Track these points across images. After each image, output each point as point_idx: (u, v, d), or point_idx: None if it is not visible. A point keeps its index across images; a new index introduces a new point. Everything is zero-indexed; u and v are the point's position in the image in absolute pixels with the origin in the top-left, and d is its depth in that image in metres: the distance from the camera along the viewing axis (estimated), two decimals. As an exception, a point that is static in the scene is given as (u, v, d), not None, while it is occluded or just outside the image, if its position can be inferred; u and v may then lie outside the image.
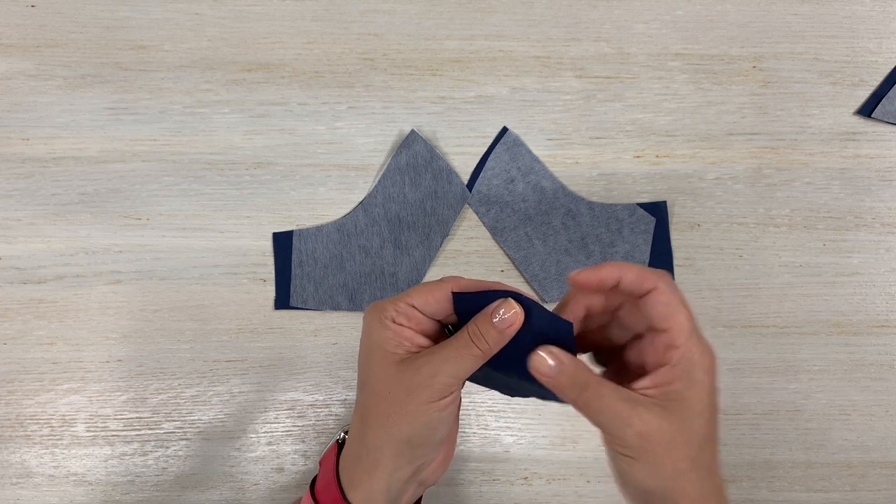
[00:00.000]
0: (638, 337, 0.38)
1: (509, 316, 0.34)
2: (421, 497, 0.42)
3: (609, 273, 0.35)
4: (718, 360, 0.36)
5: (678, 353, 0.34)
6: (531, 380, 0.35)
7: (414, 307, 0.36)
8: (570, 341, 0.35)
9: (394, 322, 0.36)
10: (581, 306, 0.38)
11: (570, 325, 0.35)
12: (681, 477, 0.34)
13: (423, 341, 0.36)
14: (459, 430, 0.56)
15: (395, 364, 0.36)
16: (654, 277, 0.35)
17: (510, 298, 0.35)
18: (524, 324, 0.35)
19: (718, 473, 0.36)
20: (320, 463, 0.41)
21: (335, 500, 0.38)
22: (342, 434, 0.41)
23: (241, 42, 0.58)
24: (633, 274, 0.35)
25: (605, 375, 0.39)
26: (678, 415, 0.33)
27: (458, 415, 0.40)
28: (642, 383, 0.34)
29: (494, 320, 0.34)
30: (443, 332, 0.38)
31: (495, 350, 0.35)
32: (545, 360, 0.34)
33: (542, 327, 0.35)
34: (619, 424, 0.34)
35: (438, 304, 0.36)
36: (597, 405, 0.34)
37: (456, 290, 0.36)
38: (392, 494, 0.38)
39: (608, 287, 0.36)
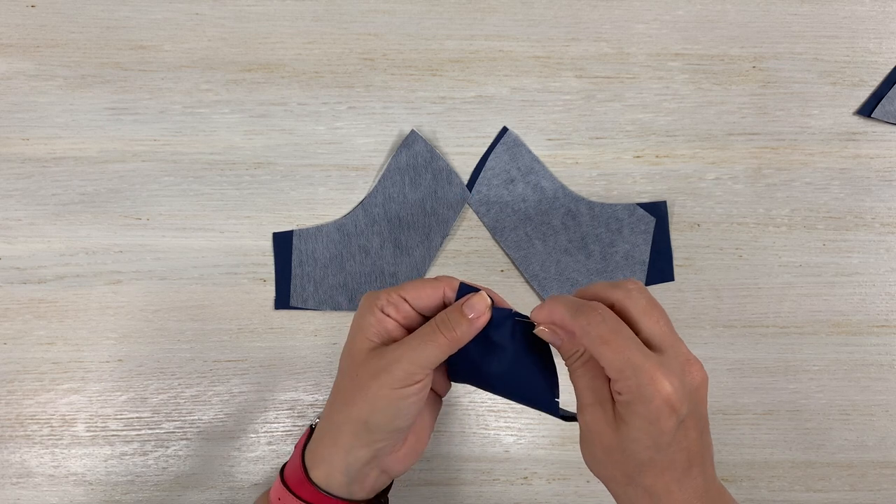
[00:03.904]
0: None
1: (480, 306, 0.36)
2: (390, 486, 0.43)
3: (545, 317, 0.36)
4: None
5: (615, 385, 0.34)
6: (519, 379, 0.38)
7: (405, 300, 0.37)
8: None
9: (382, 311, 0.37)
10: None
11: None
12: (616, 484, 0.36)
13: (400, 335, 0.38)
14: (459, 430, 0.56)
15: (368, 350, 0.37)
16: (572, 323, 0.34)
17: (483, 292, 0.37)
18: (505, 326, 0.37)
19: (669, 497, 0.35)
20: (295, 447, 0.42)
21: (300, 479, 0.39)
22: (317, 420, 0.42)
23: (241, 42, 0.58)
24: (558, 317, 0.35)
25: None
26: (621, 427, 0.34)
27: (430, 408, 0.41)
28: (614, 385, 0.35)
29: (464, 308, 0.36)
30: None
31: (464, 340, 0.37)
32: (544, 332, 0.37)
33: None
34: (579, 408, 0.36)
35: (429, 299, 0.38)
36: (574, 378, 0.36)
37: (449, 290, 0.38)
38: (350, 475, 0.39)
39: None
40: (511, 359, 0.38)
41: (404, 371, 0.36)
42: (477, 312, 0.36)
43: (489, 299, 0.37)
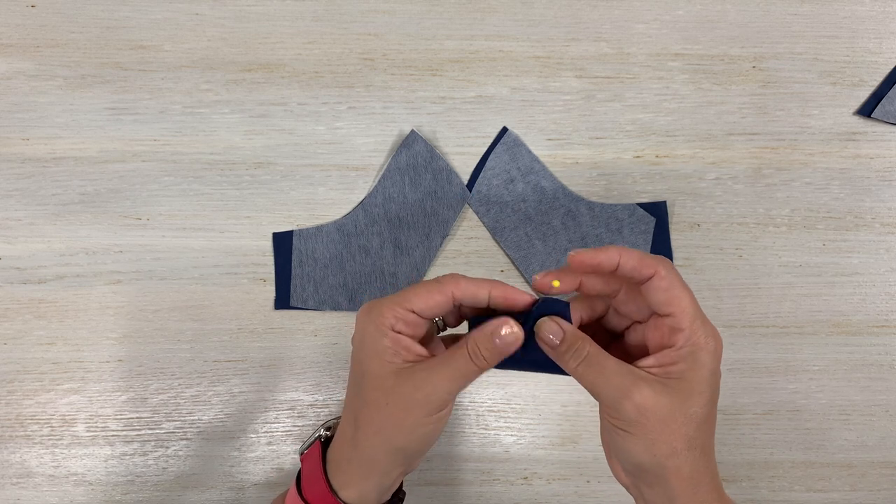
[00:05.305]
0: (637, 323, 0.38)
1: (510, 337, 0.35)
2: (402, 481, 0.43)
3: (609, 257, 0.35)
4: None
5: (683, 336, 0.34)
6: (534, 354, 0.36)
7: (413, 312, 0.36)
8: (566, 317, 0.36)
9: (393, 330, 0.36)
10: (576, 281, 0.38)
11: (566, 304, 0.37)
12: (675, 455, 0.34)
13: (421, 350, 0.37)
14: (459, 430, 0.56)
15: (392, 374, 0.36)
16: (653, 262, 0.35)
17: (511, 319, 0.35)
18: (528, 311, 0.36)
19: (713, 455, 0.36)
20: (302, 459, 0.41)
21: (324, 495, 0.38)
22: (323, 431, 0.41)
23: (241, 42, 0.58)
24: (633, 259, 0.35)
25: None
26: (678, 393, 0.34)
27: None
28: (646, 362, 0.35)
29: (496, 341, 0.35)
30: (434, 325, 0.39)
31: (492, 366, 0.36)
32: (550, 327, 0.35)
33: (543, 310, 0.36)
34: (618, 396, 0.34)
35: (439, 307, 0.36)
36: (597, 376, 0.35)
37: (457, 292, 0.36)
38: (383, 490, 0.39)
39: (606, 271, 0.36)
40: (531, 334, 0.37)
41: (441, 400, 0.36)
42: (508, 342, 0.35)
43: (518, 327, 0.35)
